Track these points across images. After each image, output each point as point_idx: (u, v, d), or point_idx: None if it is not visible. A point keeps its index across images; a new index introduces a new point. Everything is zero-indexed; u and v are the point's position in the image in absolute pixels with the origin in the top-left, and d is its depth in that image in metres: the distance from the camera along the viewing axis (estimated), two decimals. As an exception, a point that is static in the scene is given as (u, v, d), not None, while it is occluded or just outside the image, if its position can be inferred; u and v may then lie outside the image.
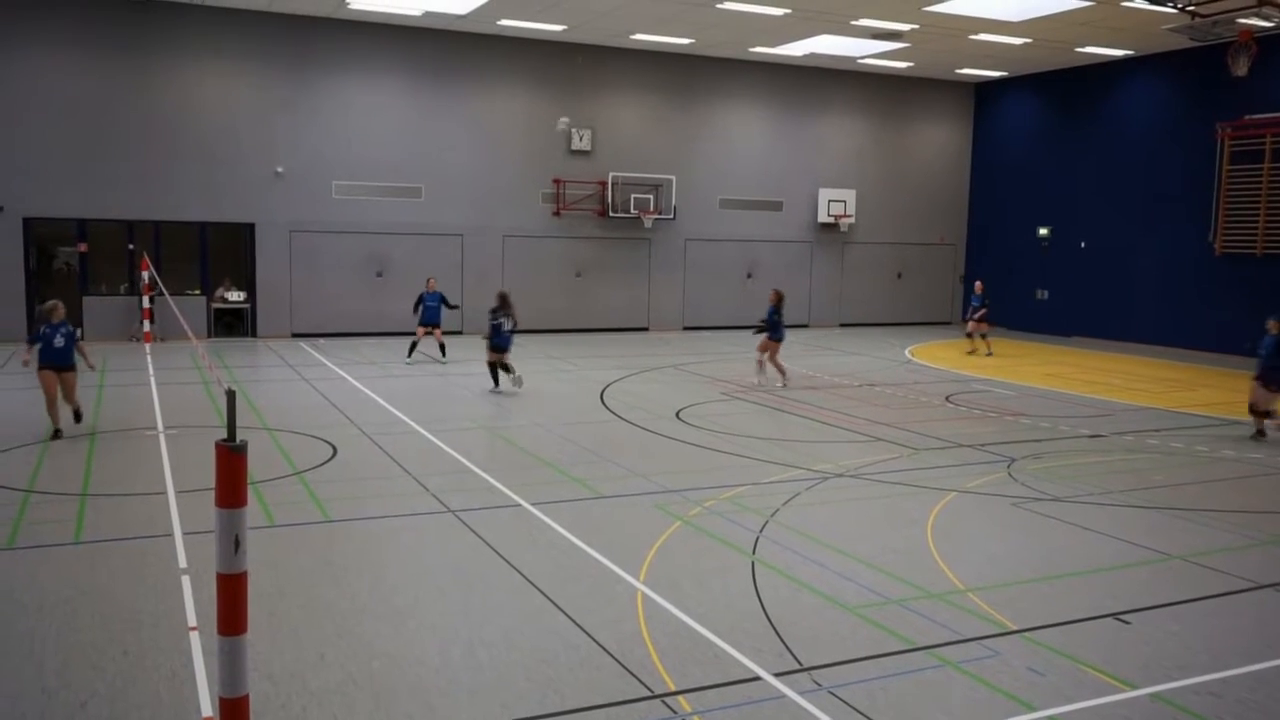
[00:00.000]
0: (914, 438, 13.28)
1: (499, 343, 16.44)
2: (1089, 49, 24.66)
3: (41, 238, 22.57)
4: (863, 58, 26.38)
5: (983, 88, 30.30)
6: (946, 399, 16.67)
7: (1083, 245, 27.23)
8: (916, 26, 22.36)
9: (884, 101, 29.30)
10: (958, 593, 7.50)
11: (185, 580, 7.37)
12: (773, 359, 17.56)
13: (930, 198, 30.42)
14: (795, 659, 6.25)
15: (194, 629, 6.48)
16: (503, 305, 16.62)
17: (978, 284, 24.64)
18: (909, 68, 27.78)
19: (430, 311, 19.69)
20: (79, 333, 13.57)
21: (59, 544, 8.24)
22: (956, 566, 8.10)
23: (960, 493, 10.48)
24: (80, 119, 21.42)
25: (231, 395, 4.22)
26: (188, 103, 22.26)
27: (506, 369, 16.44)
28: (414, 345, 19.75)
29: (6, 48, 20.75)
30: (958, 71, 28.45)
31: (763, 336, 17.56)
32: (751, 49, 25.64)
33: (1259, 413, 13.80)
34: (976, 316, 23.65)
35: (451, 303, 20.19)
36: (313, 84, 23.19)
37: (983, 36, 23.30)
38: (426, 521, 9.13)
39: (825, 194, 28.50)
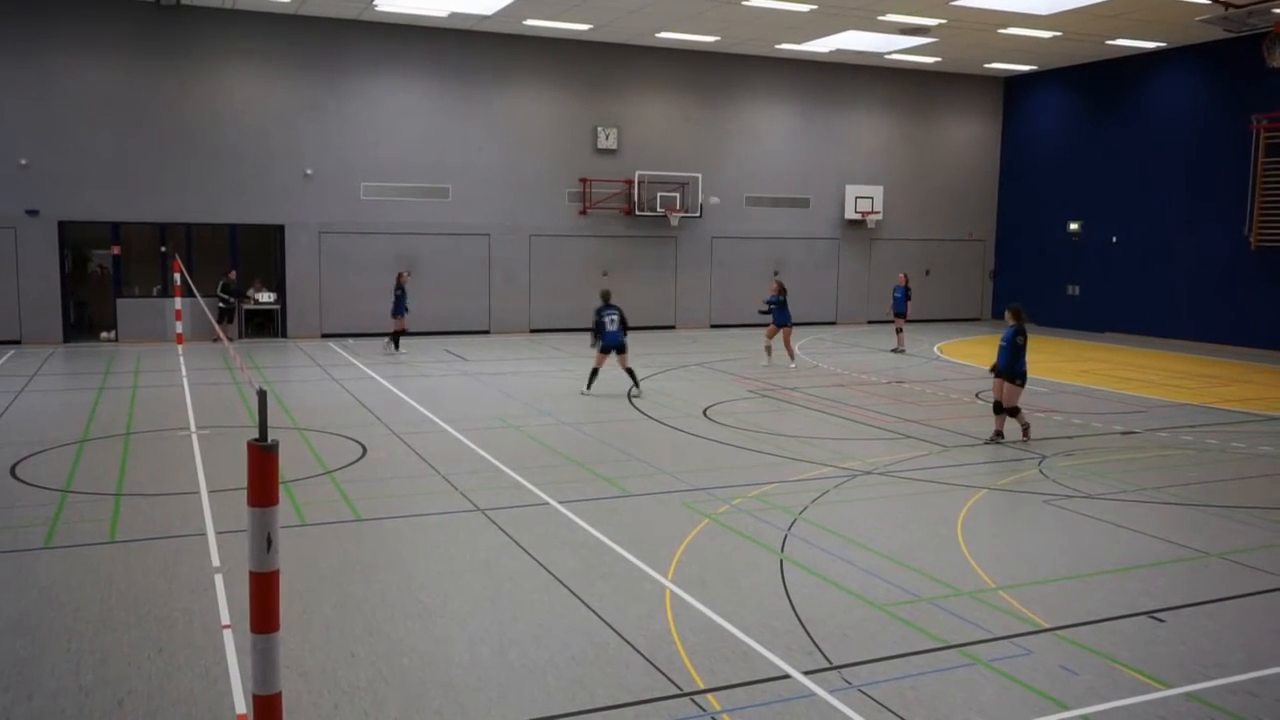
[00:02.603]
0: (944, 435, 13.19)
1: (611, 341, 15.91)
2: (1120, 41, 24.38)
3: (76, 241, 22.88)
4: (890, 53, 26.23)
5: (1012, 82, 30.04)
6: (976, 395, 16.54)
7: (1115, 240, 26.94)
8: (944, 21, 22.20)
9: (911, 97, 29.11)
10: (989, 590, 7.44)
11: (218, 578, 7.44)
12: (785, 344, 19.71)
13: (959, 193, 30.20)
14: (825, 657, 6.22)
15: (227, 627, 6.54)
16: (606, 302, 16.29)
17: (902, 275, 23.30)
18: (936, 63, 27.59)
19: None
20: None
21: (95, 543, 8.35)
22: (987, 564, 8.04)
23: (991, 490, 10.40)
24: (113, 123, 21.68)
25: (263, 395, 4.26)
26: (218, 106, 22.48)
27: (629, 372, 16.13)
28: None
29: (42, 55, 21.04)
30: (986, 66, 28.22)
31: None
32: (778, 45, 25.56)
33: (1007, 411, 12.56)
34: (905, 313, 22.67)
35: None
36: (341, 86, 23.35)
37: (1011, 30, 23.09)
38: (455, 520, 9.17)
39: (852, 190, 28.36)
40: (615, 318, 15.85)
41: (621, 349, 15.94)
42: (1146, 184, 26.01)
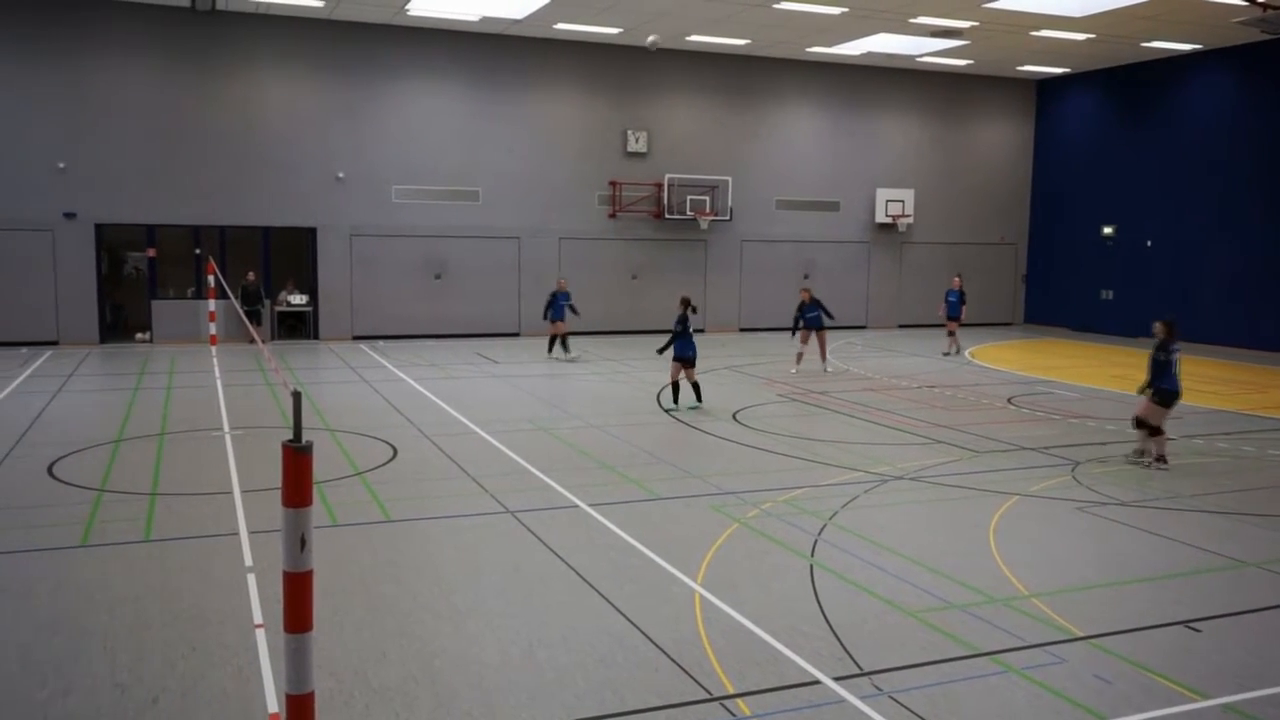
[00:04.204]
0: (975, 440, 13.09)
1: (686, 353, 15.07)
2: (1155, 44, 24.12)
3: (112, 243, 23.18)
4: (921, 56, 26.09)
5: (1044, 84, 29.78)
6: (1008, 401, 16.41)
7: (1149, 244, 26.64)
8: (976, 23, 22.05)
9: (943, 100, 28.94)
10: (1021, 598, 7.37)
11: (251, 578, 7.51)
12: (820, 347, 19.73)
13: (991, 197, 29.98)
14: (855, 663, 6.19)
15: (260, 626, 6.60)
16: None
17: (956, 278, 23.44)
18: (968, 65, 27.41)
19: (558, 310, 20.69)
20: None
21: (130, 542, 8.46)
22: (1020, 571, 7.96)
23: (1023, 496, 10.31)
24: (149, 127, 21.95)
25: (297, 397, 4.29)
26: (252, 110, 22.71)
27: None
28: (552, 341, 20.99)
29: (79, 60, 21.34)
30: (1019, 69, 28.01)
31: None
32: (808, 49, 25.49)
33: (1147, 428, 11.83)
34: (960, 316, 22.71)
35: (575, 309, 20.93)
36: (372, 90, 23.51)
37: (1044, 33, 22.91)
38: (485, 522, 9.21)
39: (883, 194, 28.23)
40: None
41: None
42: (1181, 187, 25.70)
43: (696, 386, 15.31)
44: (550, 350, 21.02)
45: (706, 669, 6.08)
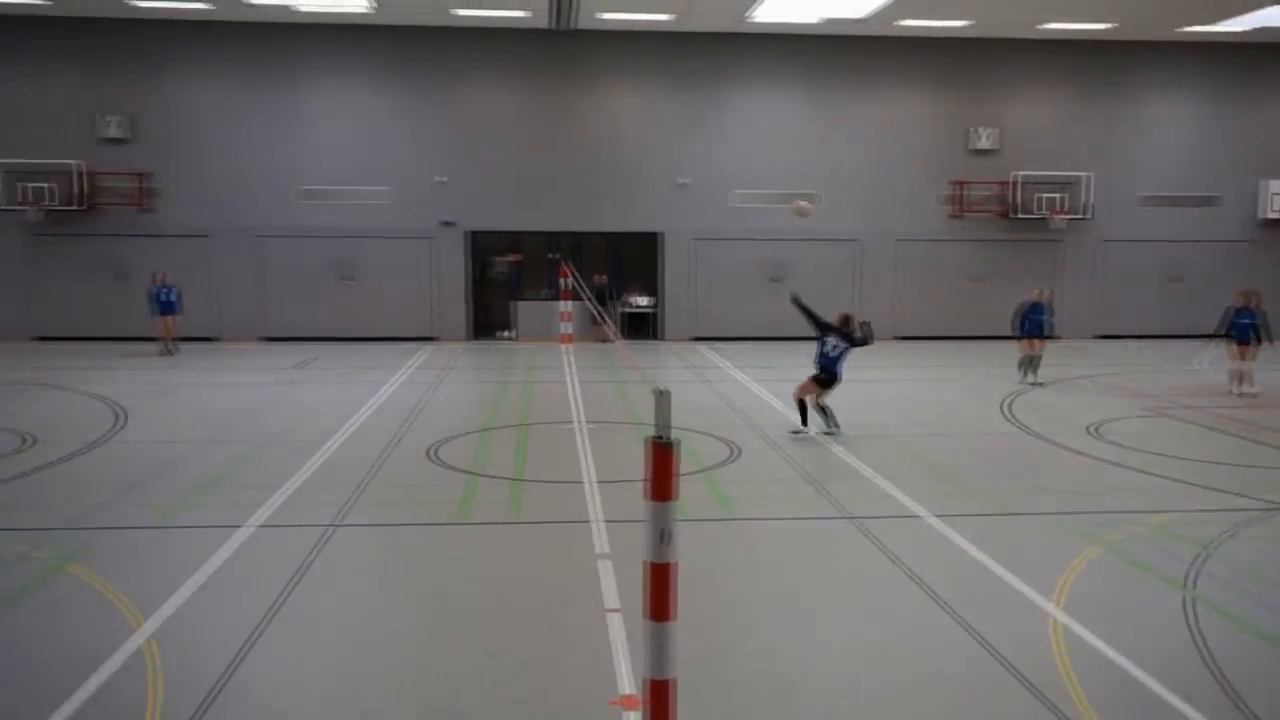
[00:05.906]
0: (1392, 469, 11.30)
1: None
2: None
3: (481, 248, 25.46)
4: (1325, 28, 22.91)
5: None
6: None
7: None
8: (1400, -14, 19.06)
9: (1351, 76, 25.24)
10: None
11: (604, 565, 7.93)
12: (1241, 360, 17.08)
13: None
14: (1248, 713, 5.53)
15: (613, 611, 6.95)
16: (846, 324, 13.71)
17: None
18: (1387, 35, 23.73)
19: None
20: None
21: (498, 522, 9.23)
22: None
23: None
24: (513, 141, 23.88)
25: (664, 395, 4.47)
26: (602, 122, 24.07)
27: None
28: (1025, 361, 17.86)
29: (456, 83, 23.64)
30: None
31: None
32: (1180, 29, 23.14)
33: None
34: None
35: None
36: (713, 97, 24.14)
37: None
38: (826, 526, 9.16)
39: (1271, 186, 25.06)
40: (839, 344, 13.32)
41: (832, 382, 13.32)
42: None
43: (825, 410, 13.21)
44: (1024, 373, 17.77)
45: (1065, 698, 5.69)
